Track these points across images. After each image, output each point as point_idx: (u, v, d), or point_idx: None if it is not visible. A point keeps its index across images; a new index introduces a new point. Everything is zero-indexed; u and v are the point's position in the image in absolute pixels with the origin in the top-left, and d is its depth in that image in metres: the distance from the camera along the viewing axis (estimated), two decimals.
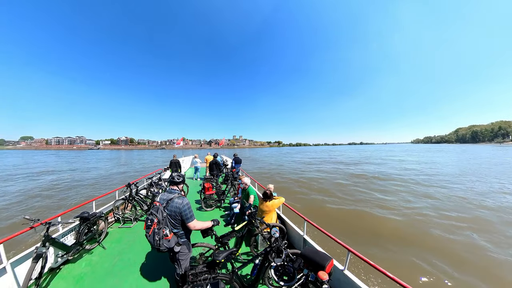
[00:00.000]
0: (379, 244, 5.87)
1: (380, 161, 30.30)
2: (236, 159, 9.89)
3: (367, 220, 7.73)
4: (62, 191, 12.81)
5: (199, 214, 5.67)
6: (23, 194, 12.00)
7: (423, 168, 21.88)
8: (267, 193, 3.49)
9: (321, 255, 2.07)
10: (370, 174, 17.73)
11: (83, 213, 3.71)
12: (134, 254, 3.61)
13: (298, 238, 3.60)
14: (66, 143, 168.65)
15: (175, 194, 2.28)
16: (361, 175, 17.63)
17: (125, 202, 5.20)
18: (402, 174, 17.62)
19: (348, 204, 9.51)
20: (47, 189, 13.51)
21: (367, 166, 24.65)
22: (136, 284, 2.86)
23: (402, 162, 28.35)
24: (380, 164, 26.76)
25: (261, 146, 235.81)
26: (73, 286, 2.86)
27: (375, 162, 28.94)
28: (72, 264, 3.36)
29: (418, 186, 13.11)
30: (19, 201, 10.54)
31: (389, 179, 15.42)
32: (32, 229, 2.86)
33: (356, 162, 30.05)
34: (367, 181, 14.90)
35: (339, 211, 8.73)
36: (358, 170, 20.61)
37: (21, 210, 9.14)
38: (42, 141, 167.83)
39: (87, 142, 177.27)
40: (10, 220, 8.02)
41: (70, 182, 15.92)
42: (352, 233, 6.62)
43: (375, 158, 37.19)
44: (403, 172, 19.16)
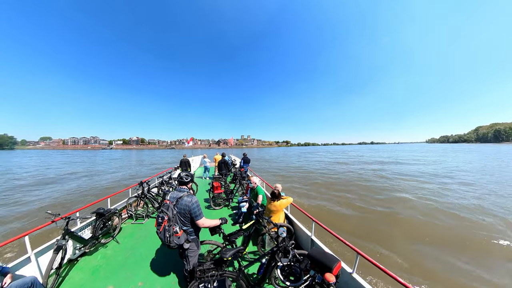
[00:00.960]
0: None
1: (416, 162, 26.91)
2: (245, 158, 9.96)
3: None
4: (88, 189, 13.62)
5: (208, 212, 5.77)
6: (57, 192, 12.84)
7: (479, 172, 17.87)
8: (275, 192, 3.48)
9: (328, 257, 2.03)
10: (437, 179, 14.65)
11: (99, 209, 3.94)
12: (145, 249, 3.76)
13: (305, 239, 3.56)
14: (81, 143, 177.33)
15: (184, 192, 2.35)
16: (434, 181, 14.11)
17: (137, 199, 5.40)
18: (475, 181, 13.96)
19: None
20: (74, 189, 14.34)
21: (410, 166, 22.22)
22: (147, 278, 2.99)
23: (442, 163, 24.75)
24: (422, 164, 23.64)
25: (269, 145, 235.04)
26: (89, 276, 3.04)
27: (410, 163, 26.00)
28: (89, 256, 3.56)
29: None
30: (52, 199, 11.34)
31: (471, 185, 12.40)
32: (53, 223, 3.09)
33: (392, 161, 27.57)
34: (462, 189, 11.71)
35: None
36: (416, 173, 17.69)
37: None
38: (59, 141, 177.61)
39: (101, 142, 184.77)
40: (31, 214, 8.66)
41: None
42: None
43: (404, 158, 33.57)
44: (474, 177, 15.53)
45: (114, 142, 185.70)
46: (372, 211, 8.53)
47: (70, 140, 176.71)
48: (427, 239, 6.17)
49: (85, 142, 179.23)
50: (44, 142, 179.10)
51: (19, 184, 15.19)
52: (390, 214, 8.17)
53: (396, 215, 8.04)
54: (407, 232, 6.69)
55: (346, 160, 32.12)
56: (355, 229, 6.85)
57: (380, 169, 21.12)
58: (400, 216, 7.94)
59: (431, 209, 8.64)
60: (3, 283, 2.16)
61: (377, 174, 17.98)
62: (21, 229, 7.18)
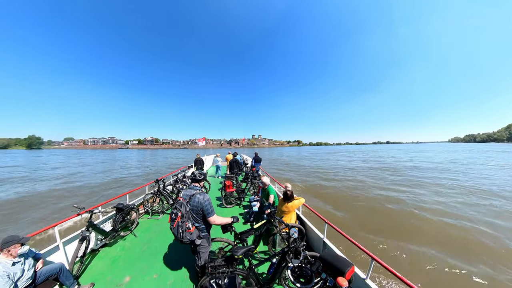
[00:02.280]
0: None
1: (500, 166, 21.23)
2: (256, 158, 10.00)
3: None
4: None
5: (220, 210, 5.86)
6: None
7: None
8: (288, 193, 3.43)
9: (341, 260, 1.96)
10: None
11: (118, 204, 4.21)
12: (160, 243, 3.92)
13: (317, 241, 3.48)
14: (100, 143, 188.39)
15: (197, 190, 2.42)
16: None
17: (153, 196, 5.65)
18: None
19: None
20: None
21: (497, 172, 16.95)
22: (161, 270, 3.13)
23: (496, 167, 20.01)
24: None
25: (281, 145, 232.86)
26: (109, 266, 3.26)
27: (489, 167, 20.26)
28: (109, 247, 3.81)
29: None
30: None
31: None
32: (78, 215, 3.36)
33: (455, 165, 21.81)
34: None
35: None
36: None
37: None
38: (81, 141, 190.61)
39: (118, 142, 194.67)
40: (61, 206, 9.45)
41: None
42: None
43: (463, 161, 26.92)
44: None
45: (130, 142, 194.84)
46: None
47: (90, 140, 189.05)
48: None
49: (103, 142, 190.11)
50: (67, 142, 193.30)
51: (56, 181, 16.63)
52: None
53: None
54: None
55: (391, 165, 23.64)
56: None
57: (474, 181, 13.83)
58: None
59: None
60: (36, 267, 2.39)
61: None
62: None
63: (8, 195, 11.69)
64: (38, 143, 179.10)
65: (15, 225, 7.52)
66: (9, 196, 11.36)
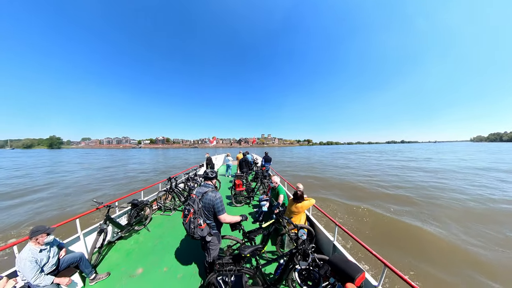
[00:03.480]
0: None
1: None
2: (266, 157, 9.98)
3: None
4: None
5: (229, 209, 5.93)
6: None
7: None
8: (298, 194, 3.37)
9: (351, 266, 1.87)
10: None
11: (133, 200, 4.44)
12: (172, 239, 4.06)
13: (327, 243, 3.39)
14: (114, 143, 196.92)
15: (209, 188, 2.48)
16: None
17: (166, 193, 5.86)
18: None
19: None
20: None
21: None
22: (171, 264, 3.24)
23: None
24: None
25: (291, 144, 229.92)
26: (124, 257, 3.44)
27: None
28: (124, 240, 4.01)
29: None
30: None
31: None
32: (97, 209, 3.59)
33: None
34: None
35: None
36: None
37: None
38: (97, 141, 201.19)
39: (131, 141, 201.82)
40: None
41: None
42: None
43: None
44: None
45: (143, 141, 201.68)
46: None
47: (105, 140, 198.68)
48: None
49: (117, 142, 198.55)
50: (84, 142, 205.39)
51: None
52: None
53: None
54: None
55: (448, 167, 20.18)
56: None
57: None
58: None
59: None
60: (59, 255, 2.59)
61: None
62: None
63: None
64: (58, 143, 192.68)
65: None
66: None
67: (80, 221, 3.30)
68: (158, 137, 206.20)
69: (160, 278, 2.94)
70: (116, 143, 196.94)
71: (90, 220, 6.86)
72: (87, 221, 6.64)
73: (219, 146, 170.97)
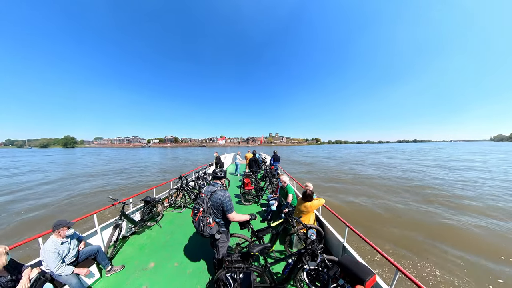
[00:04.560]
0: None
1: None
2: (275, 156, 9.94)
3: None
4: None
5: (238, 207, 5.98)
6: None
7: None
8: (307, 193, 3.33)
9: (362, 268, 1.81)
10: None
11: (146, 197, 4.62)
12: (182, 235, 4.17)
13: (336, 244, 3.33)
14: (125, 142, 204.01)
15: (218, 187, 2.50)
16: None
17: (177, 191, 6.02)
18: None
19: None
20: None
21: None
22: (181, 260, 3.34)
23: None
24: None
25: (299, 143, 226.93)
26: (137, 251, 3.60)
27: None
28: (137, 235, 4.18)
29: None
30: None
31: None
32: (113, 206, 3.77)
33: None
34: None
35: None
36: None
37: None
38: (108, 140, 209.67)
39: (140, 141, 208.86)
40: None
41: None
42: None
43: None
44: None
45: (152, 140, 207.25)
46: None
47: (116, 139, 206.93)
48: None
49: (128, 141, 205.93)
50: (97, 141, 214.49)
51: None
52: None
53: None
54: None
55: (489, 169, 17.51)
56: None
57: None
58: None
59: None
60: (79, 247, 2.76)
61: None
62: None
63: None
64: (72, 142, 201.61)
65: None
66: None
67: (97, 216, 3.50)
68: (166, 136, 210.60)
69: (171, 272, 3.04)
70: (127, 142, 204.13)
71: (107, 215, 7.21)
72: (104, 216, 6.99)
73: (227, 145, 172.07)
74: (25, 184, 14.38)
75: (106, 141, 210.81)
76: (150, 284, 2.79)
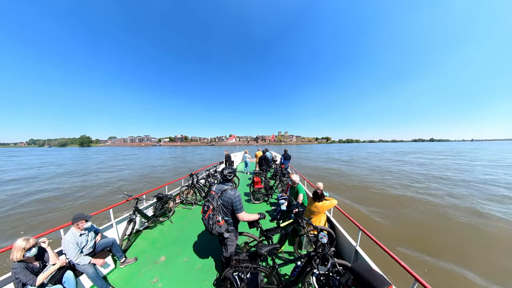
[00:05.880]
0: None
1: None
2: (286, 155, 9.81)
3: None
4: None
5: (247, 206, 5.99)
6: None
7: None
8: (318, 193, 3.23)
9: (377, 277, 1.68)
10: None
11: (159, 194, 4.76)
12: (192, 231, 4.26)
13: (348, 249, 3.19)
14: (137, 141, 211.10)
15: (229, 186, 2.48)
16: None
17: (188, 188, 6.15)
18: None
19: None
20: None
21: None
22: (191, 255, 3.41)
23: None
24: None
25: (309, 142, 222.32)
26: (150, 245, 3.73)
27: None
28: (150, 230, 4.33)
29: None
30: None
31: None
32: (127, 201, 3.95)
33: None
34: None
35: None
36: None
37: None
38: (121, 139, 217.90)
39: (152, 140, 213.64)
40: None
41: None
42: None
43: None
44: None
45: (162, 139, 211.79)
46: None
47: (128, 138, 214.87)
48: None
49: (139, 140, 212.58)
50: (110, 140, 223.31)
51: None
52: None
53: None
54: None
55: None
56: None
57: None
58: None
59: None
60: (95, 239, 2.91)
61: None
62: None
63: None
64: (88, 141, 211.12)
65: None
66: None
67: (113, 211, 3.66)
68: (177, 135, 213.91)
69: (181, 267, 3.11)
70: (139, 141, 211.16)
71: (121, 210, 7.56)
72: (119, 211, 7.33)
73: (236, 143, 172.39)
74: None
75: (119, 140, 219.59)
76: (160, 277, 2.88)
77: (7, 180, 15.10)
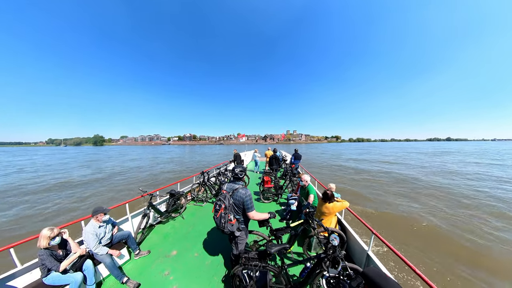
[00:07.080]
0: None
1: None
2: (296, 155, 9.69)
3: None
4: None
5: (257, 205, 5.99)
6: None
7: None
8: (328, 193, 3.17)
9: (391, 283, 1.58)
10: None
11: (171, 191, 4.93)
12: (202, 228, 4.36)
13: (359, 252, 3.08)
14: (147, 140, 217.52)
15: (240, 185, 2.50)
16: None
17: (199, 186, 6.29)
18: None
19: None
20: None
21: None
22: (201, 251, 3.50)
23: None
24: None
25: (318, 141, 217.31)
26: (162, 239, 3.88)
27: None
28: (163, 225, 4.50)
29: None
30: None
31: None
32: (142, 197, 4.13)
33: None
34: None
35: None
36: None
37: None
38: (132, 139, 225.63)
39: (161, 139, 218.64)
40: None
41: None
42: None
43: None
44: None
45: (172, 138, 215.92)
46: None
47: (139, 137, 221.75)
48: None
49: (149, 139, 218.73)
50: (122, 139, 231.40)
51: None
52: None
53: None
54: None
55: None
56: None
57: None
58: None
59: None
60: (113, 232, 3.08)
61: None
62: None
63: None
64: (101, 140, 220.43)
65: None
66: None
67: (129, 206, 3.85)
68: (185, 134, 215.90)
69: (191, 261, 3.20)
70: (149, 140, 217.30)
71: (136, 205, 7.92)
72: (134, 205, 7.69)
73: (244, 142, 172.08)
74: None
75: (130, 139, 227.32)
76: (172, 270, 2.99)
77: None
